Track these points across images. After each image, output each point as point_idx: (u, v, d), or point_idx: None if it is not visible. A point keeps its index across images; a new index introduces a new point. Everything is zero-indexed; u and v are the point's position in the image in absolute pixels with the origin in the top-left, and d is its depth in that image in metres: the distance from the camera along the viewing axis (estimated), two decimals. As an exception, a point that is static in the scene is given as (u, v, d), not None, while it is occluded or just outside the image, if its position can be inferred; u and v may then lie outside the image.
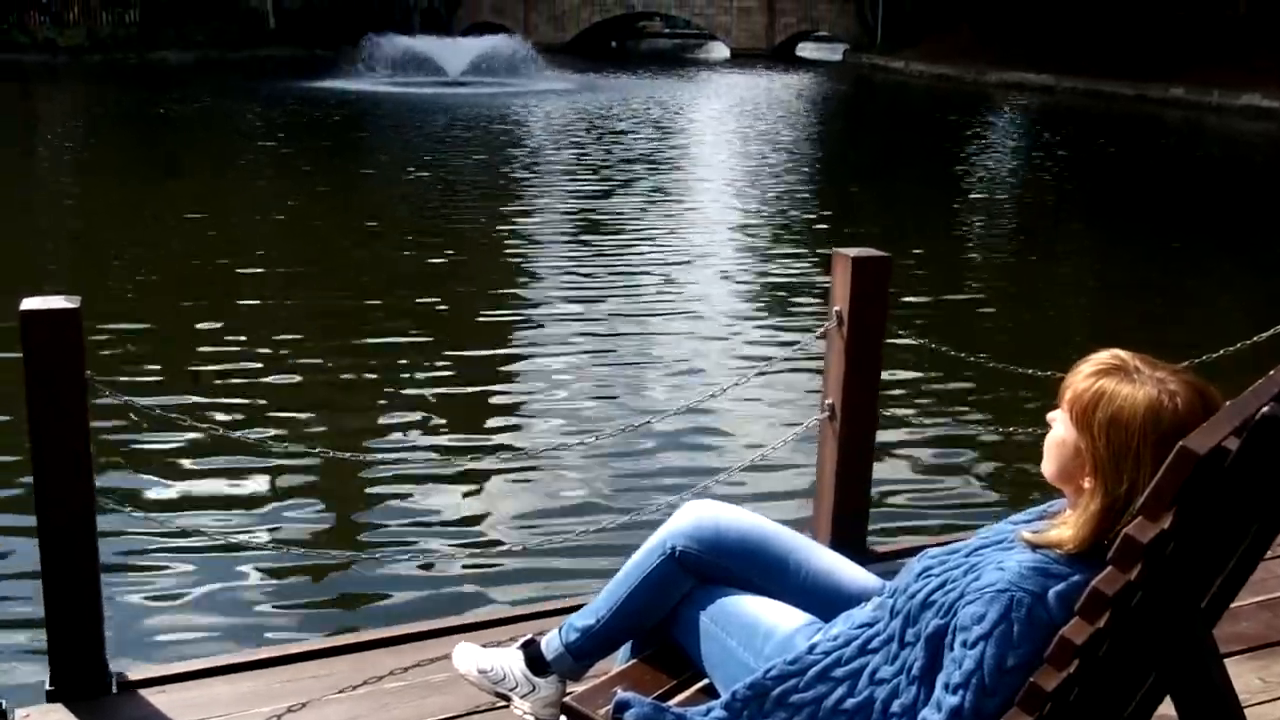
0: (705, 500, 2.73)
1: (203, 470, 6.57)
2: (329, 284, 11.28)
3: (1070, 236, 15.70)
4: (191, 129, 26.46)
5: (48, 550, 3.24)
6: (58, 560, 3.25)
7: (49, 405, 3.16)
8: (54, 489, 3.21)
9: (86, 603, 3.31)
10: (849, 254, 3.96)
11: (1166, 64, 39.80)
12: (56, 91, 36.70)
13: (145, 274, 11.46)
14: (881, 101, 44.20)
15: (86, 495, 3.24)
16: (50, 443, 3.19)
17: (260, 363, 8.55)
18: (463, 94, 35.36)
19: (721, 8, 76.27)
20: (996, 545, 2.12)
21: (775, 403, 7.85)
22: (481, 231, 14.05)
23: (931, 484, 6.72)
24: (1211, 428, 1.79)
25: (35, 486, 3.20)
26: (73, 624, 3.30)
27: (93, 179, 18.65)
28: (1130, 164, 24.23)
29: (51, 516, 3.22)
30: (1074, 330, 10.68)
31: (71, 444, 3.20)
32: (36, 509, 3.20)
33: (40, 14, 50.15)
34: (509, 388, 8.37)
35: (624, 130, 26.12)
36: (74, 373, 3.17)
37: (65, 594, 3.27)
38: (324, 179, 18.39)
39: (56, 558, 3.25)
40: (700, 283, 11.63)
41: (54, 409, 3.16)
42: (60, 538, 3.23)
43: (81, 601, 3.30)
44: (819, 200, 17.91)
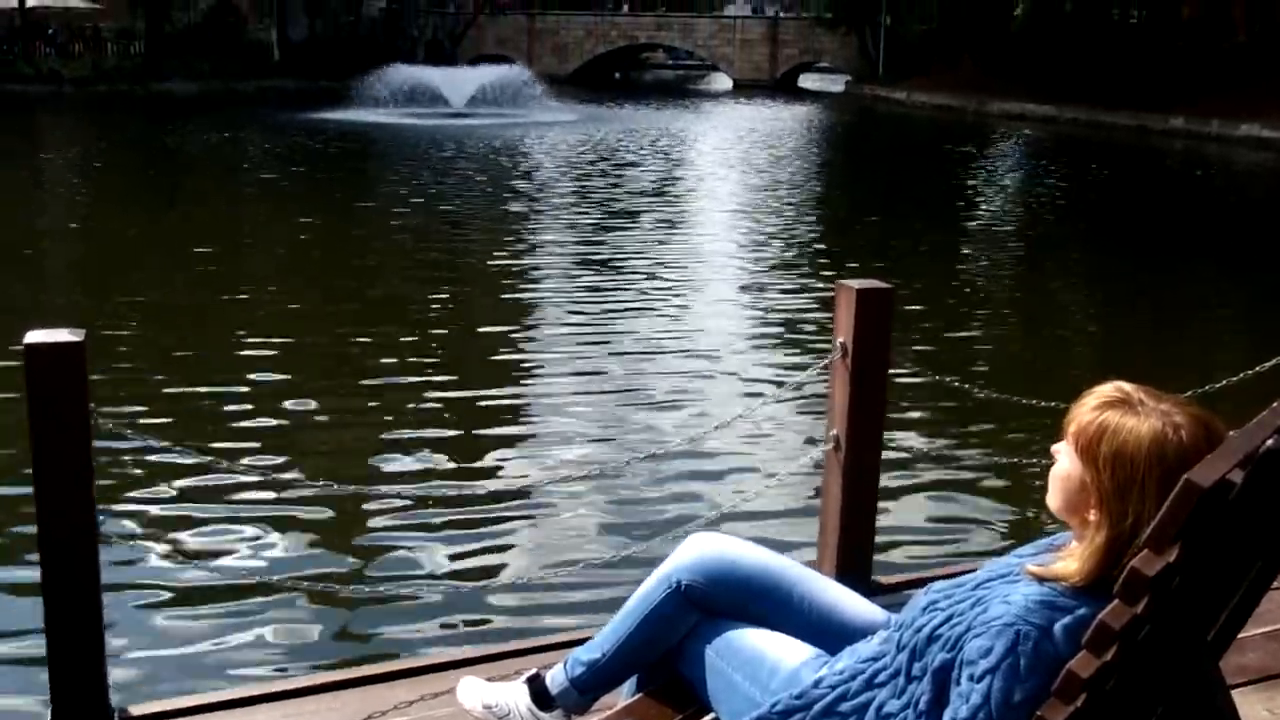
0: (710, 533, 2.73)
1: (206, 504, 6.55)
2: (331, 317, 11.28)
3: (1073, 266, 15.72)
4: (196, 160, 26.56)
5: (50, 583, 3.23)
6: (60, 593, 3.24)
7: (52, 438, 3.15)
8: (56, 522, 3.20)
9: (88, 636, 3.30)
10: (853, 285, 3.96)
11: (1166, 94, 39.93)
12: (61, 122, 36.87)
13: (149, 307, 11.47)
14: (884, 132, 44.32)
15: (89, 528, 3.24)
16: (53, 476, 3.18)
17: (264, 397, 8.54)
18: (466, 125, 35.49)
19: (724, 39, 76.66)
20: (1002, 578, 2.12)
21: (780, 434, 7.84)
22: (484, 264, 14.07)
23: (937, 515, 6.70)
24: (1216, 460, 1.78)
25: (38, 520, 3.19)
26: (74, 658, 3.28)
27: (96, 211, 18.70)
28: (1131, 194, 24.28)
29: (54, 549, 3.21)
30: (1078, 360, 10.68)
31: (74, 477, 3.20)
32: (39, 542, 3.20)
33: (45, 45, 50.42)
34: (513, 421, 8.36)
35: (627, 161, 26.20)
36: (77, 406, 3.17)
37: (67, 628, 3.26)
38: (327, 211, 18.42)
39: (59, 591, 3.24)
40: (704, 314, 11.64)
41: (57, 442, 3.16)
42: (62, 570, 3.23)
43: (83, 635, 3.28)
44: (823, 231, 17.94)
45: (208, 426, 7.84)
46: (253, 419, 8.05)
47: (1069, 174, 27.24)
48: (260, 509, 6.49)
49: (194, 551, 5.92)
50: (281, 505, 6.52)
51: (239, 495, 6.61)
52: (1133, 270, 15.05)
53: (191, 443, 6.60)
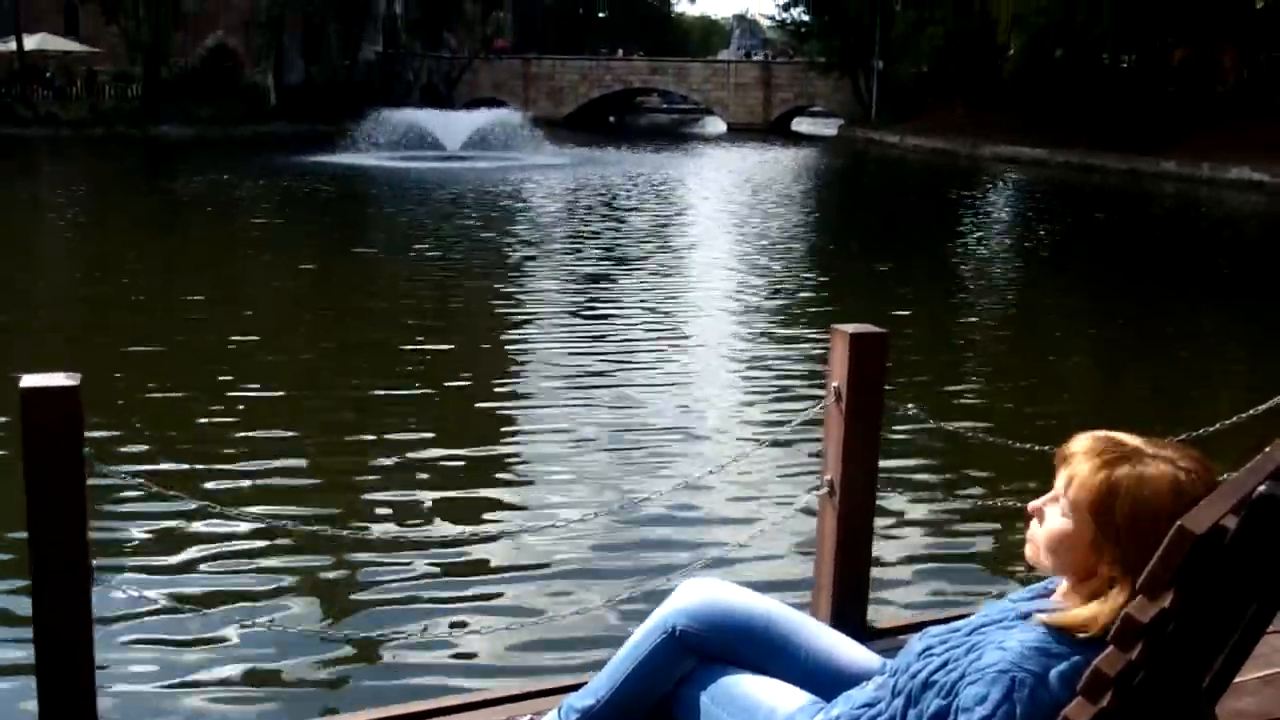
0: (705, 578, 2.73)
1: (199, 547, 6.53)
2: (324, 363, 11.29)
3: (1067, 309, 15.75)
4: (191, 204, 26.62)
5: (42, 627, 3.21)
6: (52, 634, 3.22)
7: (47, 481, 3.15)
8: (50, 566, 3.19)
9: (80, 680, 3.28)
10: (847, 330, 3.97)
11: (1158, 138, 40.22)
12: (57, 165, 36.98)
13: (146, 352, 11.45)
14: (878, 175, 44.54)
15: (83, 572, 3.23)
16: (47, 518, 3.18)
17: (256, 441, 8.53)
18: (461, 168, 35.62)
19: (718, 83, 77.18)
20: (997, 624, 2.11)
21: (774, 479, 7.83)
22: (477, 309, 14.09)
23: (932, 560, 6.69)
24: (1210, 506, 1.79)
25: (31, 564, 3.18)
26: (66, 701, 3.26)
27: (90, 253, 18.74)
28: (1125, 236, 24.37)
29: (47, 593, 3.20)
30: (1073, 404, 10.69)
31: (69, 519, 3.19)
32: (32, 586, 3.19)
33: (43, 88, 50.66)
34: (506, 466, 8.34)
35: (620, 205, 26.30)
36: (73, 450, 3.16)
37: (58, 669, 3.24)
38: (321, 256, 18.47)
39: (51, 631, 3.22)
40: (698, 358, 11.65)
41: (52, 484, 3.15)
42: (55, 615, 3.21)
43: (75, 679, 3.27)
44: (817, 275, 17.99)
45: (201, 470, 7.82)
46: (245, 463, 8.03)
47: (1062, 217, 27.38)
48: (252, 553, 6.47)
49: (186, 593, 5.89)
50: (273, 549, 6.50)
51: (231, 538, 6.59)
52: (1127, 312, 15.10)
53: (184, 486, 6.60)
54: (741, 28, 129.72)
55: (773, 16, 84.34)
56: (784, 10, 77.10)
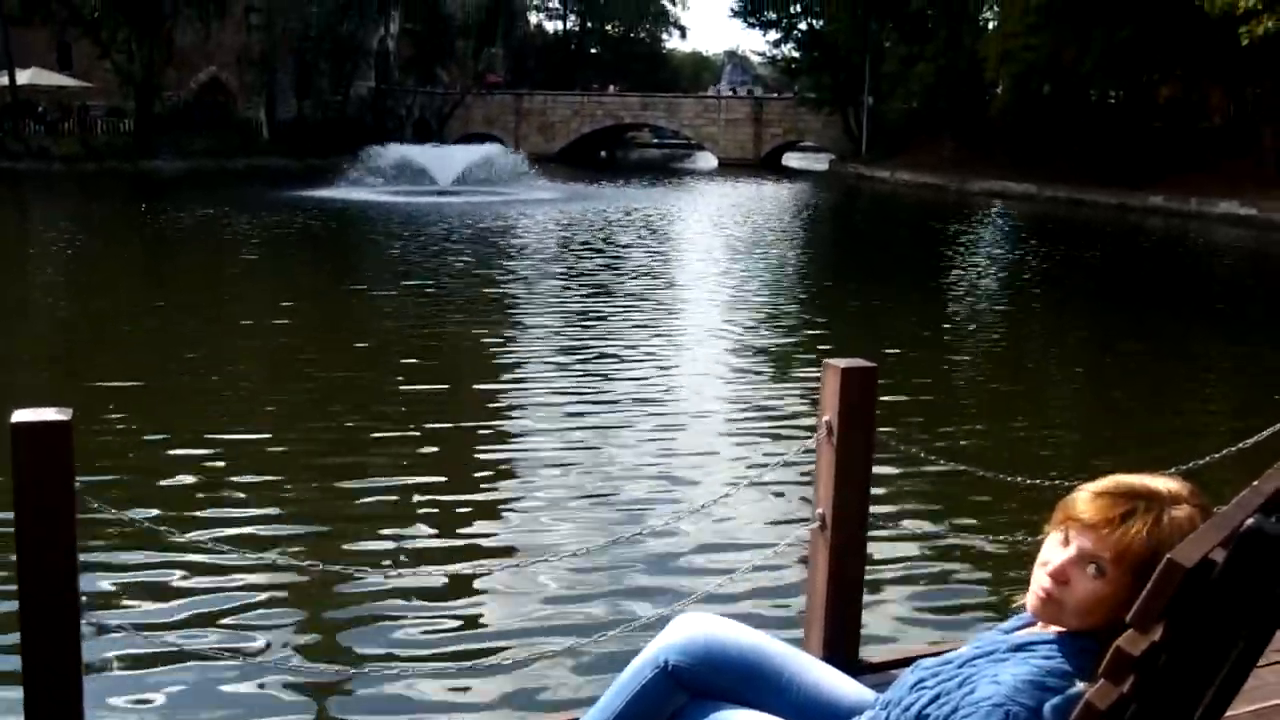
0: (697, 613, 2.72)
1: (189, 583, 6.50)
2: (317, 397, 11.26)
3: (1057, 342, 15.80)
4: (182, 238, 26.64)
5: (31, 667, 3.20)
6: (41, 672, 3.21)
7: (37, 516, 3.14)
8: (39, 602, 3.18)
9: (68, 714, 3.26)
10: (838, 364, 3.98)
11: (1145, 173, 40.49)
12: (49, 199, 36.99)
13: (137, 387, 11.42)
14: (869, 210, 44.73)
15: (72, 610, 3.22)
16: (37, 557, 3.17)
17: (250, 478, 8.50)
18: (453, 203, 35.69)
19: (709, 119, 77.53)
20: (988, 656, 2.11)
21: (765, 513, 7.83)
22: (469, 344, 14.08)
23: (923, 593, 6.68)
24: (1199, 539, 1.80)
25: (20, 601, 3.17)
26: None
27: (84, 289, 18.73)
28: (1113, 270, 24.49)
29: (35, 631, 3.19)
30: (1064, 436, 10.70)
31: (58, 557, 3.18)
32: (20, 622, 3.17)
33: (35, 123, 50.75)
34: (497, 501, 8.32)
35: (613, 239, 26.36)
36: (63, 486, 3.16)
37: (48, 711, 3.23)
38: (312, 291, 18.48)
39: (40, 672, 3.21)
40: (689, 393, 11.65)
41: (42, 522, 3.15)
42: (44, 652, 3.20)
43: (63, 712, 3.25)
44: (809, 309, 18.04)
45: (191, 507, 7.79)
46: (236, 500, 8.01)
47: (1051, 251, 27.49)
48: (244, 590, 6.44)
49: (176, 630, 5.86)
50: (263, 585, 6.47)
51: (222, 575, 6.55)
52: (1117, 346, 15.14)
53: (175, 523, 6.57)
54: (732, 64, 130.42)
55: (763, 53, 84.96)
56: (775, 47, 77.66)
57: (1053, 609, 2.04)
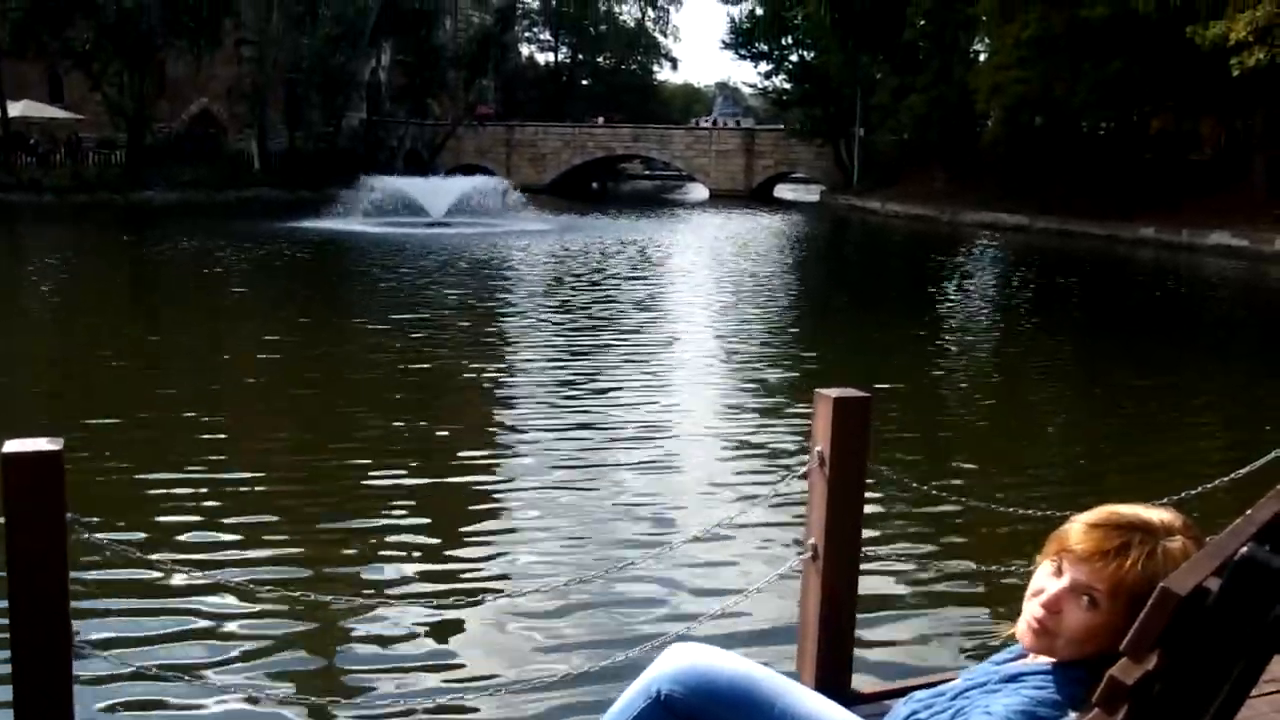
0: (690, 643, 2.72)
1: (182, 616, 6.47)
2: (307, 427, 11.25)
3: (1048, 373, 15.82)
4: (173, 271, 26.66)
5: (22, 696, 3.19)
6: (32, 703, 3.19)
7: (29, 547, 3.14)
8: (31, 632, 3.17)
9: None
10: (830, 394, 3.99)
11: (1136, 204, 40.65)
12: (39, 231, 36.99)
13: (127, 417, 11.39)
14: (861, 241, 44.88)
15: (63, 638, 3.21)
16: (29, 584, 3.16)
17: (241, 507, 8.48)
18: (445, 234, 35.73)
19: (700, 150, 77.86)
20: (981, 688, 2.11)
21: (758, 543, 7.82)
22: (461, 376, 14.05)
23: (916, 624, 6.67)
24: (1192, 568, 1.80)
25: (11, 631, 3.16)
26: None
27: (74, 319, 18.71)
28: (1104, 301, 24.57)
29: (26, 662, 3.17)
30: (1056, 467, 10.71)
31: (50, 586, 3.18)
32: (12, 653, 3.16)
33: (26, 155, 50.80)
34: (487, 531, 8.30)
35: (604, 271, 26.41)
36: (54, 516, 3.15)
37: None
38: (304, 323, 18.46)
39: (31, 701, 3.19)
40: (681, 423, 11.64)
41: (33, 551, 3.14)
42: (36, 681, 3.19)
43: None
44: (801, 339, 18.07)
45: (182, 538, 7.76)
46: (228, 529, 7.98)
47: (1043, 282, 27.59)
48: (236, 620, 6.42)
49: (167, 660, 5.83)
50: (255, 616, 6.45)
51: (213, 605, 6.53)
52: (1109, 376, 15.17)
53: (166, 552, 6.56)
54: (724, 95, 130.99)
55: (755, 85, 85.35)
56: (766, 79, 78.08)
57: (1045, 639, 2.04)
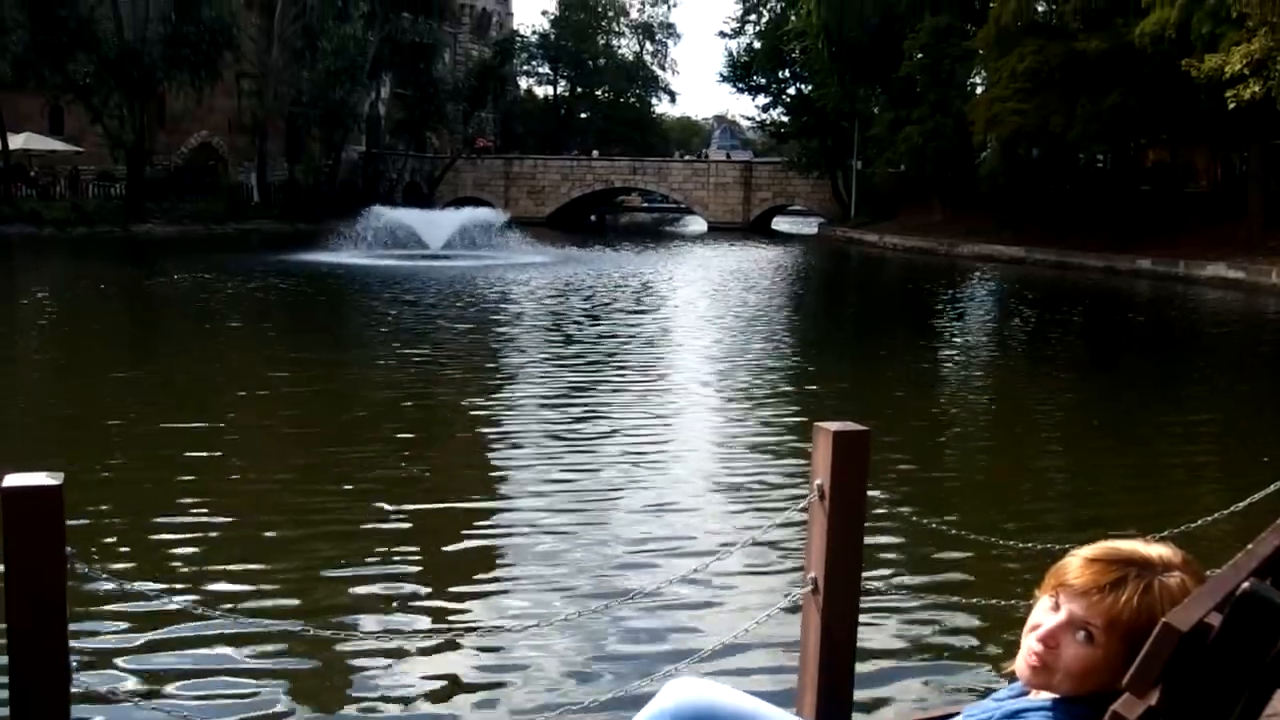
0: (690, 678, 2.71)
1: (182, 650, 6.45)
2: (306, 463, 11.22)
3: (1048, 405, 15.79)
4: (171, 304, 26.68)
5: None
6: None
7: (27, 582, 3.13)
8: (29, 667, 3.16)
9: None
10: (830, 427, 3.99)
11: (1133, 236, 40.77)
12: (38, 263, 37.04)
13: (126, 453, 11.35)
14: (859, 273, 44.97)
15: (62, 673, 3.19)
16: (27, 620, 3.15)
17: (240, 541, 8.46)
18: (443, 267, 35.79)
19: (699, 183, 78.14)
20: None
21: (758, 576, 7.80)
22: (459, 409, 13.99)
23: (916, 658, 6.65)
24: (1194, 603, 1.80)
25: (10, 664, 3.15)
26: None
27: (72, 353, 18.72)
28: (1102, 332, 24.59)
29: (25, 697, 3.16)
30: (1056, 499, 10.70)
31: (48, 621, 3.17)
32: (10, 686, 3.15)
33: (27, 187, 50.95)
34: (486, 566, 8.27)
35: (603, 303, 26.44)
36: (54, 552, 3.15)
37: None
38: (302, 358, 18.42)
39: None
40: (680, 455, 11.63)
41: (32, 586, 3.13)
42: (34, 717, 3.17)
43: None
44: (800, 372, 18.07)
45: (180, 574, 7.74)
46: (227, 564, 7.96)
47: (1041, 314, 27.64)
48: (236, 656, 6.39)
49: (166, 695, 5.81)
50: (255, 651, 6.42)
51: (213, 640, 6.51)
52: (1108, 407, 15.16)
53: (165, 588, 6.54)
54: (722, 128, 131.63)
55: (752, 117, 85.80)
56: (763, 111, 78.50)
57: (1043, 675, 2.03)
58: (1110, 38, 38.39)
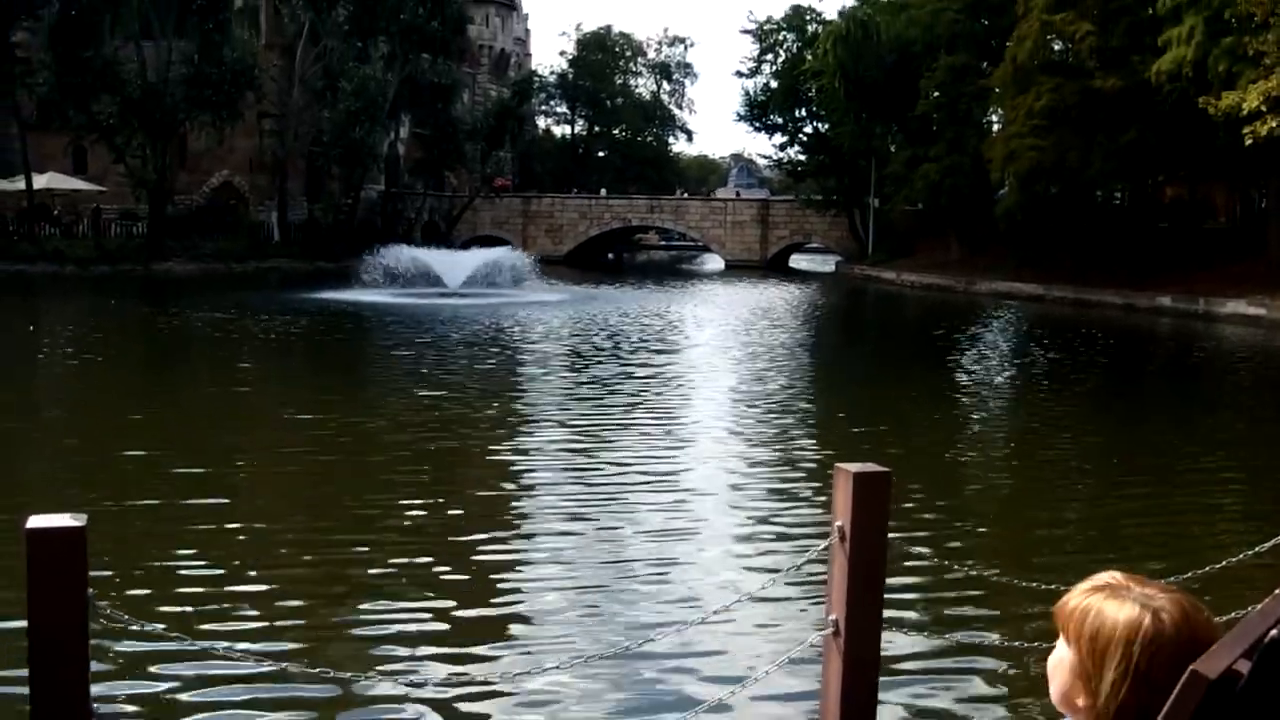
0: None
1: (201, 690, 6.44)
2: (326, 506, 11.20)
3: (1068, 444, 15.71)
4: (193, 342, 26.78)
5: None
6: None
7: (50, 622, 3.13)
8: (49, 707, 3.16)
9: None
10: (850, 469, 3.98)
11: (1152, 273, 40.64)
12: (60, 302, 37.23)
13: (147, 494, 11.32)
14: (878, 311, 44.94)
15: (82, 714, 3.19)
16: (48, 660, 3.15)
17: (259, 587, 8.44)
18: (462, 305, 35.88)
19: (716, 221, 78.27)
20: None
21: (779, 618, 7.76)
22: (476, 449, 13.99)
23: (939, 700, 6.60)
24: (1221, 650, 1.78)
25: (31, 703, 3.15)
26: None
27: (93, 392, 18.81)
28: (1122, 370, 24.51)
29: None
30: (1077, 541, 10.61)
31: (70, 662, 3.17)
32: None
33: (50, 226, 51.40)
34: (505, 611, 8.23)
35: (622, 342, 26.45)
36: (76, 591, 3.15)
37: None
38: (321, 395, 18.48)
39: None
40: (700, 497, 11.56)
41: (54, 627, 3.14)
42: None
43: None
44: (820, 411, 18.02)
45: (199, 614, 7.74)
46: (246, 607, 7.95)
47: (1060, 352, 27.51)
48: (252, 695, 6.38)
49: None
50: (273, 694, 6.41)
51: (233, 682, 6.50)
52: (1129, 447, 15.08)
53: (185, 629, 6.54)
54: (739, 166, 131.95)
55: (769, 156, 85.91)
56: (780, 150, 78.65)
57: (1066, 705, 2.05)
58: (1127, 75, 38.44)
